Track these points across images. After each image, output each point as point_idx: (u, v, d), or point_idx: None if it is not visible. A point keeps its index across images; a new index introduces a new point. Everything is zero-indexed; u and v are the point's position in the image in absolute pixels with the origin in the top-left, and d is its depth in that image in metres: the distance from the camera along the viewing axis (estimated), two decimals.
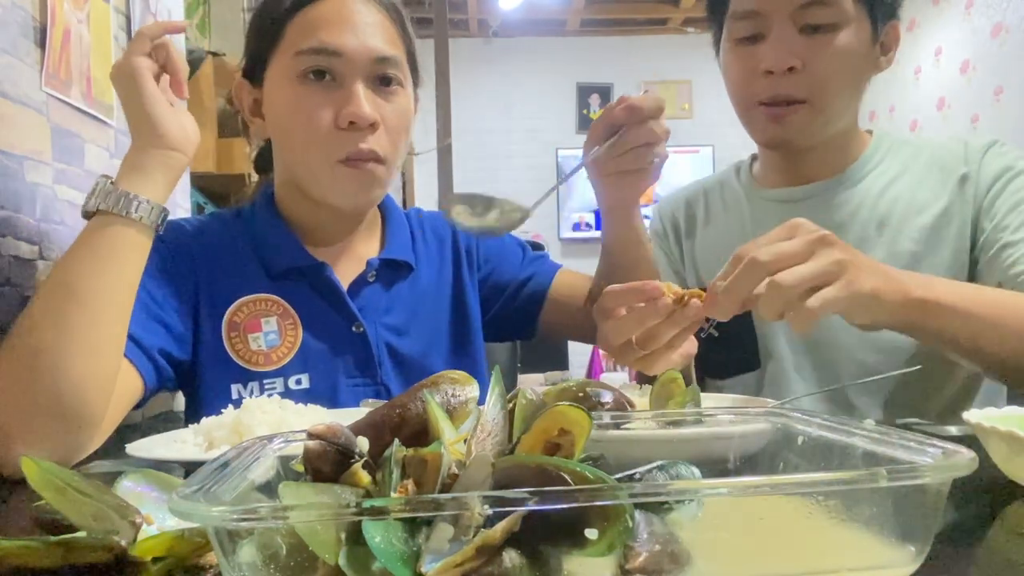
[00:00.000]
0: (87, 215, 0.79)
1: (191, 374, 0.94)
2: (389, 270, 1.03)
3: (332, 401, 0.94)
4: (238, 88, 0.99)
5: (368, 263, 1.01)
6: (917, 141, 1.11)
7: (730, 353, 1.09)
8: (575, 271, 1.13)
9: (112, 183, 0.79)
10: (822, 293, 0.68)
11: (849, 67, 0.99)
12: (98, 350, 0.74)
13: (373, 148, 0.91)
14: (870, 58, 1.03)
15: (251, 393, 0.92)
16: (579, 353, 5.04)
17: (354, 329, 0.97)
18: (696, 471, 0.43)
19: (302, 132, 0.91)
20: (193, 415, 0.92)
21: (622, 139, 0.84)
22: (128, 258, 0.78)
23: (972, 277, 1.01)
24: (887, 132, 1.14)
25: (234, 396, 0.91)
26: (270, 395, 0.90)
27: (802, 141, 1.03)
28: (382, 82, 0.93)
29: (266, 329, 0.94)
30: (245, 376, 0.93)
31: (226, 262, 0.97)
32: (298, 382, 0.94)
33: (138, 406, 0.87)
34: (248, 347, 0.93)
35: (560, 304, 1.08)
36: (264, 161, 1.09)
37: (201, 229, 1.00)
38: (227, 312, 0.94)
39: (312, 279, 0.98)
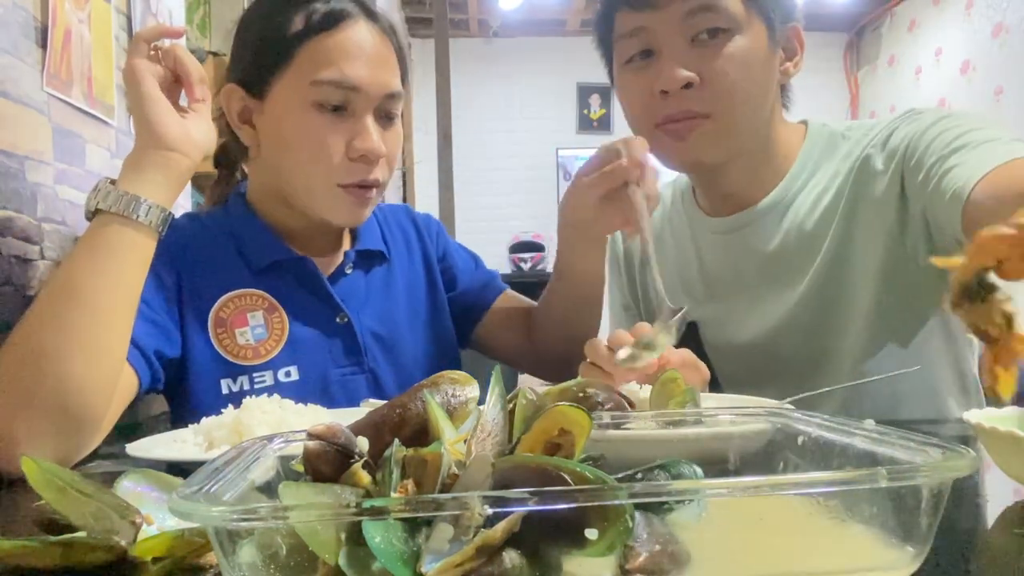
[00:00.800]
0: (89, 215, 0.79)
1: (179, 372, 0.94)
2: (364, 260, 1.07)
3: (322, 390, 0.96)
4: (227, 93, 0.99)
5: (345, 255, 1.04)
6: (855, 130, 1.04)
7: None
8: (519, 296, 1.17)
9: (112, 183, 0.79)
10: None
11: (749, 74, 0.94)
12: (100, 352, 0.74)
13: (378, 177, 0.95)
14: (771, 64, 0.97)
15: (241, 388, 0.93)
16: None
17: (338, 320, 1.00)
18: (698, 470, 0.43)
19: (309, 156, 0.93)
20: (182, 413, 0.93)
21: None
22: (128, 258, 0.78)
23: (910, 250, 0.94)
24: (823, 125, 1.06)
25: (224, 392, 0.92)
26: (260, 388, 0.92)
27: (712, 158, 0.97)
28: (386, 115, 0.96)
29: (253, 323, 0.95)
30: (234, 371, 0.93)
31: (208, 259, 0.98)
32: (287, 374, 0.95)
33: (130, 405, 0.87)
34: (235, 342, 0.94)
35: (497, 324, 1.13)
36: (228, 160, 1.09)
37: (178, 228, 1.00)
38: (213, 308, 0.95)
39: (295, 272, 1.00)
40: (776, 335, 1.02)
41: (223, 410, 0.74)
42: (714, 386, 1.05)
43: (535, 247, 5.50)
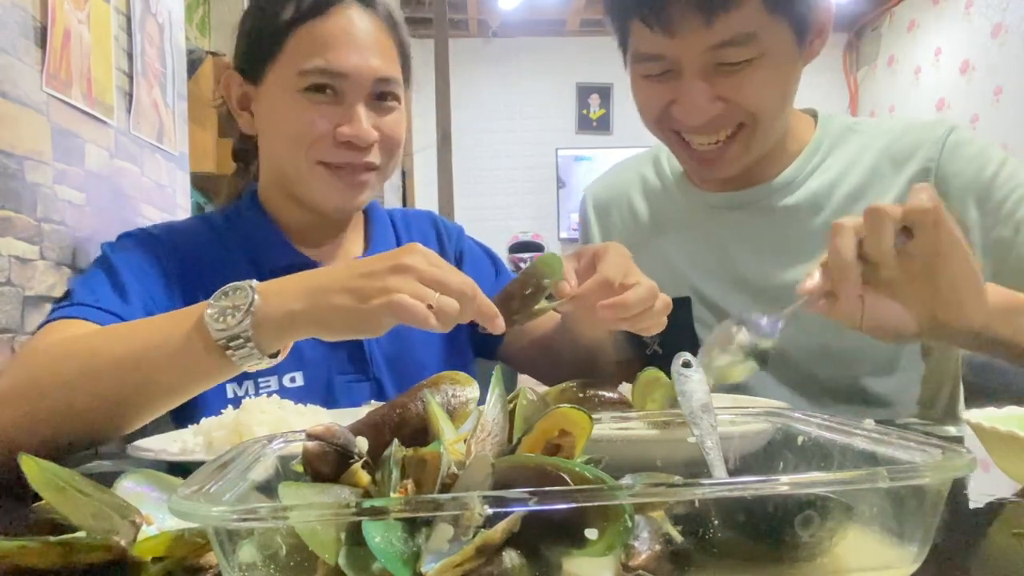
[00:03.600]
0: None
1: None
2: None
3: (327, 398, 0.95)
4: (227, 79, 1.00)
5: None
6: (866, 127, 1.02)
7: (665, 347, 1.04)
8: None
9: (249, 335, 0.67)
10: (879, 308, 0.67)
11: (778, 90, 0.90)
12: (126, 426, 0.74)
13: (371, 160, 0.94)
14: (798, 66, 0.92)
15: (246, 392, 0.92)
16: None
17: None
18: None
19: (294, 136, 0.92)
20: (186, 416, 0.92)
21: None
22: (210, 385, 0.74)
23: None
24: (831, 116, 1.04)
25: (229, 395, 0.92)
26: (265, 393, 0.90)
27: (737, 170, 0.96)
28: (379, 98, 0.94)
29: None
30: (239, 375, 0.93)
31: (217, 264, 0.97)
32: (292, 380, 0.94)
33: None
34: None
35: (520, 336, 1.07)
36: (245, 154, 1.09)
37: (190, 231, 1.00)
38: None
39: None
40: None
41: (222, 411, 0.74)
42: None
43: (534, 247, 5.50)
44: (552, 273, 0.72)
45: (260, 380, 0.93)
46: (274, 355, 0.70)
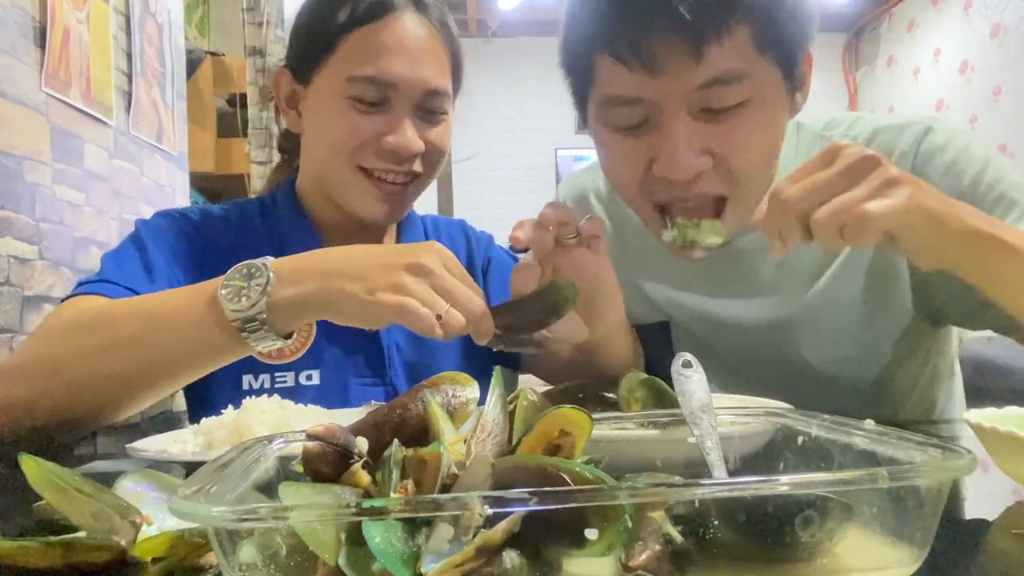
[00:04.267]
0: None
1: None
2: None
3: (342, 398, 0.95)
4: (278, 76, 0.99)
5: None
6: (837, 129, 0.93)
7: (649, 371, 0.99)
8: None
9: (264, 317, 0.68)
10: (881, 201, 0.60)
11: (769, 142, 0.80)
12: (137, 404, 0.75)
13: (414, 169, 0.93)
14: (787, 110, 0.82)
15: (261, 385, 0.93)
16: None
17: (367, 329, 0.98)
18: None
19: (338, 140, 0.92)
20: (200, 404, 0.93)
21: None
22: (222, 363, 0.74)
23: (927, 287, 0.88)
24: (798, 126, 0.94)
25: (244, 387, 0.92)
26: (280, 388, 0.92)
27: (725, 241, 0.83)
28: (428, 109, 0.93)
29: None
30: (256, 367, 0.93)
31: (245, 251, 0.96)
32: (308, 377, 0.95)
33: None
34: None
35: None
36: (290, 147, 1.10)
37: (226, 218, 1.00)
38: None
39: None
40: (754, 340, 0.97)
41: (223, 411, 0.73)
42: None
43: None
44: (569, 303, 0.68)
45: (277, 374, 0.94)
46: (287, 336, 0.71)
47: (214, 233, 0.96)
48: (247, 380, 0.92)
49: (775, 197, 0.64)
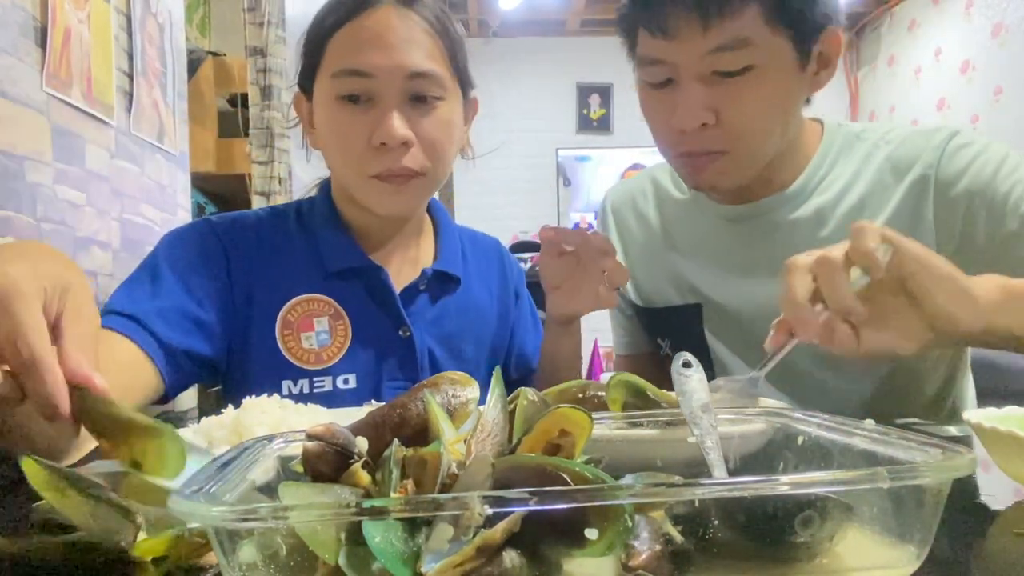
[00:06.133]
0: None
1: (242, 369, 0.95)
2: (439, 281, 1.06)
3: (375, 401, 0.96)
4: (297, 101, 1.01)
5: (423, 272, 1.03)
6: (871, 134, 1.02)
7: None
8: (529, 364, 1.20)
9: None
10: (874, 337, 0.68)
11: (771, 108, 0.90)
12: None
13: (407, 165, 0.93)
14: (797, 85, 0.91)
15: (301, 391, 0.94)
16: None
17: (401, 333, 1.00)
18: None
19: (337, 150, 0.94)
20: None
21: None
22: None
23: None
24: (839, 124, 1.04)
25: (284, 393, 0.93)
26: (319, 393, 0.94)
27: (730, 185, 0.97)
28: (418, 99, 0.93)
29: (318, 328, 0.96)
30: (296, 373, 0.95)
31: (283, 260, 0.99)
32: (345, 381, 0.96)
33: (163, 401, 0.88)
34: (300, 345, 0.95)
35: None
36: None
37: (260, 224, 1.01)
38: (281, 311, 0.96)
39: (367, 280, 1.00)
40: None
41: (223, 411, 0.73)
42: (711, 373, 1.03)
43: (535, 247, 5.49)
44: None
45: (316, 379, 0.95)
46: None
47: (243, 239, 0.97)
48: (286, 386, 0.94)
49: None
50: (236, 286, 0.94)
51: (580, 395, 0.60)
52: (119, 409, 0.49)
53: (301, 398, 0.83)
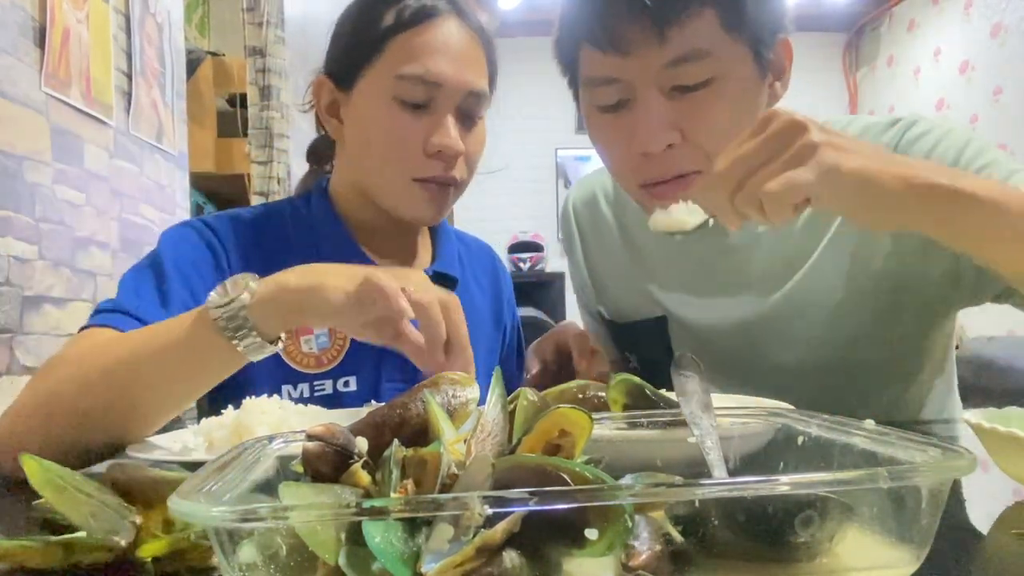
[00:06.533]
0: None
1: (243, 374, 0.94)
2: (438, 282, 1.05)
3: (375, 402, 0.96)
4: (319, 84, 1.00)
5: (423, 273, 1.03)
6: (833, 128, 0.97)
7: (651, 380, 1.01)
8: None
9: (245, 307, 0.70)
10: (787, 174, 0.61)
11: (739, 119, 0.83)
12: (145, 427, 0.74)
13: (453, 175, 0.95)
14: (759, 95, 0.86)
15: (301, 395, 0.94)
16: None
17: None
18: None
19: (387, 149, 0.93)
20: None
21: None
22: (218, 375, 0.75)
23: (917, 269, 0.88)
24: None
25: (284, 397, 0.92)
26: (319, 396, 0.94)
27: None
28: (467, 113, 0.95)
29: (317, 332, 0.96)
30: (296, 377, 0.95)
31: (281, 260, 0.97)
32: (346, 384, 0.96)
33: None
34: (300, 349, 0.95)
35: None
36: (320, 155, 1.11)
37: (257, 223, 1.00)
38: None
39: None
40: (748, 335, 0.98)
41: (223, 411, 0.74)
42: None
43: (534, 247, 5.50)
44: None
45: (316, 383, 0.95)
46: (273, 341, 0.72)
47: (243, 239, 0.97)
48: (286, 390, 0.94)
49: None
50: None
51: (580, 395, 0.60)
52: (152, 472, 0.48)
53: (302, 402, 0.83)
